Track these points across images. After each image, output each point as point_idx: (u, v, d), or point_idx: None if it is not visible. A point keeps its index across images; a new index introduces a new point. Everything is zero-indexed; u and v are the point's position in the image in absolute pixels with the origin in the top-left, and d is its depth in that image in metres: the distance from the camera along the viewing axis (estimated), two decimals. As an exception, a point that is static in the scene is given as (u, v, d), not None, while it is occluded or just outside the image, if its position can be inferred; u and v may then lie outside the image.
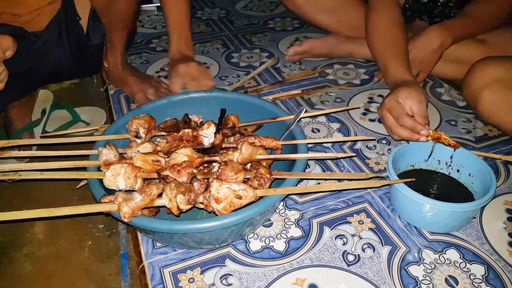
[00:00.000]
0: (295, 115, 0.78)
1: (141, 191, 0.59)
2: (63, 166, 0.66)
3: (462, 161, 0.76)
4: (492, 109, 0.86)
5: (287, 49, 1.32)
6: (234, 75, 1.22)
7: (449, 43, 1.01)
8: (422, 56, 1.03)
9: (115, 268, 0.73)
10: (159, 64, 1.29)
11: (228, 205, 0.59)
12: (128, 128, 0.76)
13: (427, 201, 0.66)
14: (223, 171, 0.64)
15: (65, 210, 0.56)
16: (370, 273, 0.64)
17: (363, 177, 0.68)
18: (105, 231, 0.80)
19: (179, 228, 0.59)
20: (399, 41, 1.00)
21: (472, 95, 0.89)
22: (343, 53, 1.27)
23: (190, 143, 0.74)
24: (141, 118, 0.76)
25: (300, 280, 0.63)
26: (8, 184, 0.88)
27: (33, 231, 0.80)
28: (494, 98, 0.85)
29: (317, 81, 1.17)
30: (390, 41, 1.00)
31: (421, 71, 1.06)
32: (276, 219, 0.74)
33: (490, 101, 0.86)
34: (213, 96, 0.87)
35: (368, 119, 1.01)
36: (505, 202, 0.77)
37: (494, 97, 0.85)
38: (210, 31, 1.53)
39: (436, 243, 0.69)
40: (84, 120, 1.07)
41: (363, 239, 0.70)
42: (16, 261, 0.75)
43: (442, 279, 0.63)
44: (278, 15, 1.65)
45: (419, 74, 1.07)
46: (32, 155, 0.73)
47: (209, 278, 0.63)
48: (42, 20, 1.02)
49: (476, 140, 0.93)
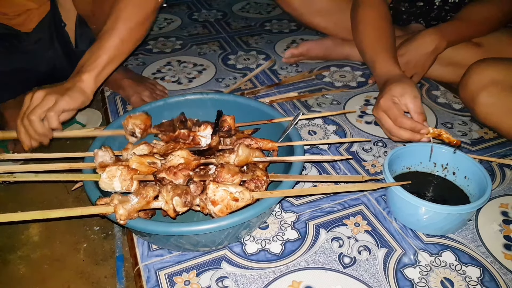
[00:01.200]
0: (293, 118, 0.78)
1: (137, 193, 0.59)
2: (58, 168, 0.66)
3: (458, 164, 0.76)
4: (489, 111, 0.86)
5: (284, 51, 1.32)
6: (231, 77, 1.22)
7: (443, 46, 1.02)
8: (417, 59, 1.04)
9: (110, 271, 0.73)
10: (155, 66, 1.29)
11: (224, 208, 0.59)
12: (124, 126, 0.76)
13: (423, 204, 0.66)
14: (219, 173, 0.64)
15: (60, 212, 0.56)
16: (366, 276, 0.64)
17: (360, 180, 0.68)
18: (100, 233, 0.80)
19: (175, 231, 0.59)
20: (387, 34, 0.99)
21: (469, 97, 0.89)
22: (340, 56, 1.27)
23: (186, 144, 0.74)
24: (137, 118, 0.76)
25: (296, 283, 0.63)
26: (2, 186, 0.87)
27: (28, 233, 0.80)
28: (491, 100, 0.85)
29: (313, 84, 1.17)
30: (379, 33, 1.00)
31: (415, 74, 1.07)
32: (272, 221, 0.74)
33: (487, 103, 0.86)
34: (209, 98, 0.87)
35: (365, 122, 1.01)
36: (500, 204, 0.77)
37: (491, 99, 0.85)
38: (207, 33, 1.53)
39: (432, 245, 0.69)
40: (79, 121, 1.07)
41: (359, 242, 0.70)
42: (11, 263, 0.74)
43: (438, 282, 0.63)
44: (275, 17, 1.65)
45: (413, 76, 1.07)
46: (27, 157, 0.72)
47: (205, 280, 0.63)
48: (32, 21, 1.02)
49: (472, 143, 0.93)
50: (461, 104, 1.07)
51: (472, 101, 0.88)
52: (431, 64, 1.05)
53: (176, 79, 1.21)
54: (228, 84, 1.18)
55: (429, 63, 1.05)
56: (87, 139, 1.01)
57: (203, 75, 1.23)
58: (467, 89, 0.89)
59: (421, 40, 1.03)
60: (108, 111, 1.06)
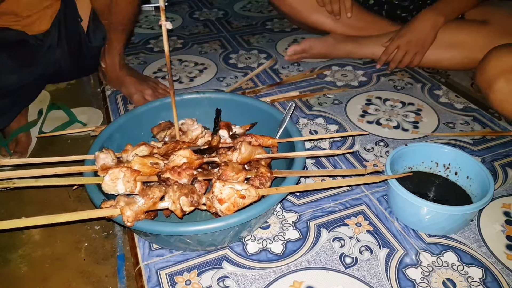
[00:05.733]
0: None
1: (143, 194, 0.59)
2: (58, 172, 0.65)
3: (460, 164, 0.76)
4: (505, 97, 0.86)
5: (285, 50, 1.32)
6: (232, 76, 1.22)
7: (441, 22, 1.07)
8: (417, 38, 1.10)
9: (111, 270, 0.72)
10: (156, 65, 1.28)
11: (231, 205, 0.59)
12: None
13: (424, 204, 0.66)
14: (224, 171, 0.64)
15: (66, 217, 0.55)
16: (368, 276, 0.64)
17: (362, 173, 0.69)
18: (101, 233, 0.79)
19: (183, 231, 0.58)
20: None
21: (486, 82, 0.89)
22: (342, 53, 1.27)
23: (186, 143, 0.74)
24: None
25: (297, 283, 0.62)
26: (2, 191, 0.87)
27: (29, 232, 0.80)
28: (508, 87, 0.85)
29: (315, 83, 1.17)
30: None
31: (417, 53, 1.13)
32: (273, 221, 0.73)
33: (503, 89, 0.85)
34: (206, 97, 0.87)
35: (366, 121, 1.00)
36: (503, 205, 0.77)
37: (508, 86, 0.84)
38: (208, 32, 1.52)
39: (433, 245, 0.69)
40: (81, 120, 1.07)
41: (360, 242, 0.69)
42: (12, 262, 0.74)
43: (440, 282, 0.63)
44: (276, 16, 1.65)
45: (416, 55, 1.13)
46: (25, 163, 0.72)
47: (206, 280, 0.63)
48: (43, 23, 1.01)
49: (474, 143, 0.93)
50: (463, 103, 1.07)
51: (489, 87, 0.88)
52: (431, 41, 1.11)
53: (177, 78, 1.21)
54: (229, 83, 1.18)
55: (429, 41, 1.10)
56: (88, 140, 1.01)
57: (204, 74, 1.23)
58: (484, 74, 0.89)
59: (419, 19, 1.10)
60: (109, 110, 1.06)
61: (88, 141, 1.01)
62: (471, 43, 1.01)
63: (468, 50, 0.97)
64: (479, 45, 1.05)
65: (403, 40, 1.12)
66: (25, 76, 0.93)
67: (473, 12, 1.14)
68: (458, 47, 1.09)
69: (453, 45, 1.10)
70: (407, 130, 0.97)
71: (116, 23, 1.00)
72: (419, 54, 1.13)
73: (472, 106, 1.06)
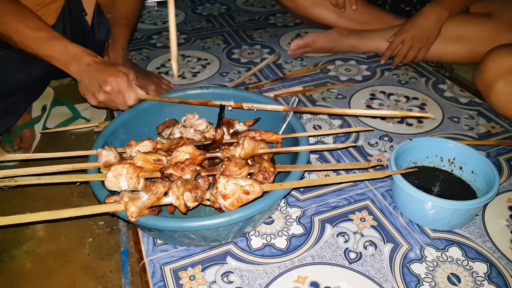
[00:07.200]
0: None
1: (147, 190, 0.59)
2: (61, 170, 0.65)
3: (465, 158, 0.76)
4: (505, 99, 0.85)
5: (288, 45, 1.31)
6: (235, 71, 1.21)
7: (445, 16, 1.07)
8: (422, 33, 1.09)
9: (115, 265, 0.73)
10: (159, 60, 1.28)
11: (235, 201, 0.59)
12: None
13: (429, 199, 0.65)
14: (227, 166, 0.63)
15: (70, 212, 0.55)
16: (372, 271, 0.64)
17: (365, 166, 0.69)
18: (105, 228, 0.80)
19: (187, 226, 0.58)
20: None
21: (485, 83, 0.88)
22: (345, 47, 1.26)
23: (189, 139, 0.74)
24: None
25: (301, 278, 0.62)
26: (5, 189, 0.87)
27: (33, 228, 0.80)
28: (508, 89, 0.84)
29: (318, 77, 1.17)
30: None
31: (422, 47, 1.12)
32: (277, 216, 0.73)
33: (503, 91, 0.85)
34: (209, 93, 0.86)
35: (370, 116, 1.00)
36: (508, 199, 0.76)
37: (508, 88, 0.84)
38: (211, 27, 1.52)
39: (438, 240, 0.68)
40: (84, 116, 1.07)
41: (365, 237, 0.69)
42: (16, 258, 0.74)
43: (445, 277, 0.63)
44: (279, 10, 1.64)
45: (420, 50, 1.12)
46: (29, 158, 0.71)
47: (210, 275, 0.63)
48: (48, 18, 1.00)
49: (479, 137, 0.92)
50: (467, 98, 1.06)
51: (488, 89, 0.87)
52: (436, 36, 1.10)
53: (180, 74, 1.20)
54: (233, 78, 1.17)
55: (434, 35, 1.10)
56: (91, 135, 1.01)
57: (207, 70, 1.22)
58: (483, 75, 0.88)
59: (424, 14, 1.09)
60: (113, 106, 1.06)
61: (92, 136, 1.01)
62: (476, 37, 1.00)
63: (473, 44, 0.96)
64: (484, 38, 1.04)
65: (407, 35, 1.11)
66: (32, 73, 0.92)
67: (478, 5, 1.13)
68: (463, 40, 1.08)
69: (458, 38, 1.09)
70: (412, 124, 0.97)
71: (120, 17, 1.00)
72: (424, 48, 1.12)
73: (476, 100, 1.05)
